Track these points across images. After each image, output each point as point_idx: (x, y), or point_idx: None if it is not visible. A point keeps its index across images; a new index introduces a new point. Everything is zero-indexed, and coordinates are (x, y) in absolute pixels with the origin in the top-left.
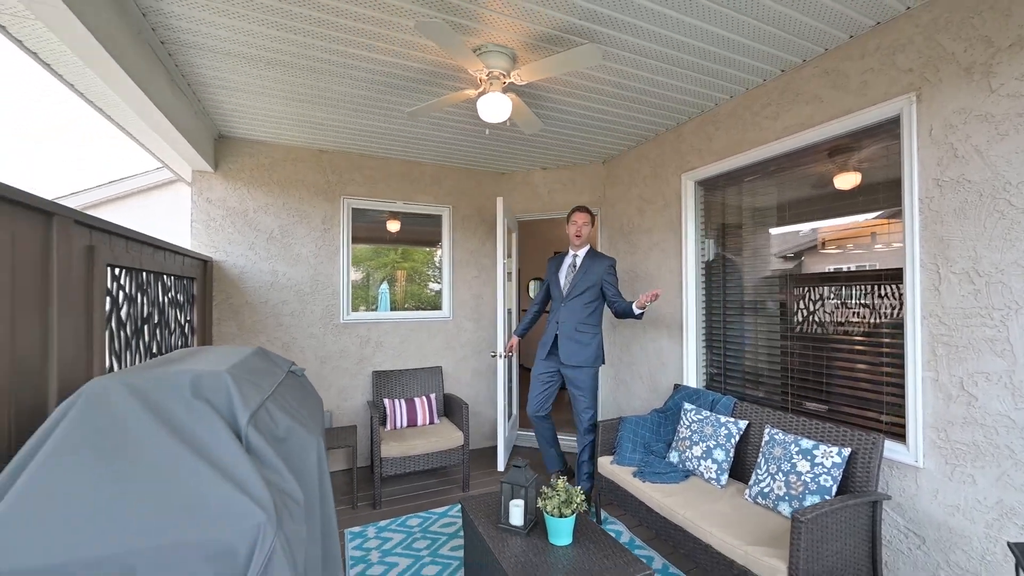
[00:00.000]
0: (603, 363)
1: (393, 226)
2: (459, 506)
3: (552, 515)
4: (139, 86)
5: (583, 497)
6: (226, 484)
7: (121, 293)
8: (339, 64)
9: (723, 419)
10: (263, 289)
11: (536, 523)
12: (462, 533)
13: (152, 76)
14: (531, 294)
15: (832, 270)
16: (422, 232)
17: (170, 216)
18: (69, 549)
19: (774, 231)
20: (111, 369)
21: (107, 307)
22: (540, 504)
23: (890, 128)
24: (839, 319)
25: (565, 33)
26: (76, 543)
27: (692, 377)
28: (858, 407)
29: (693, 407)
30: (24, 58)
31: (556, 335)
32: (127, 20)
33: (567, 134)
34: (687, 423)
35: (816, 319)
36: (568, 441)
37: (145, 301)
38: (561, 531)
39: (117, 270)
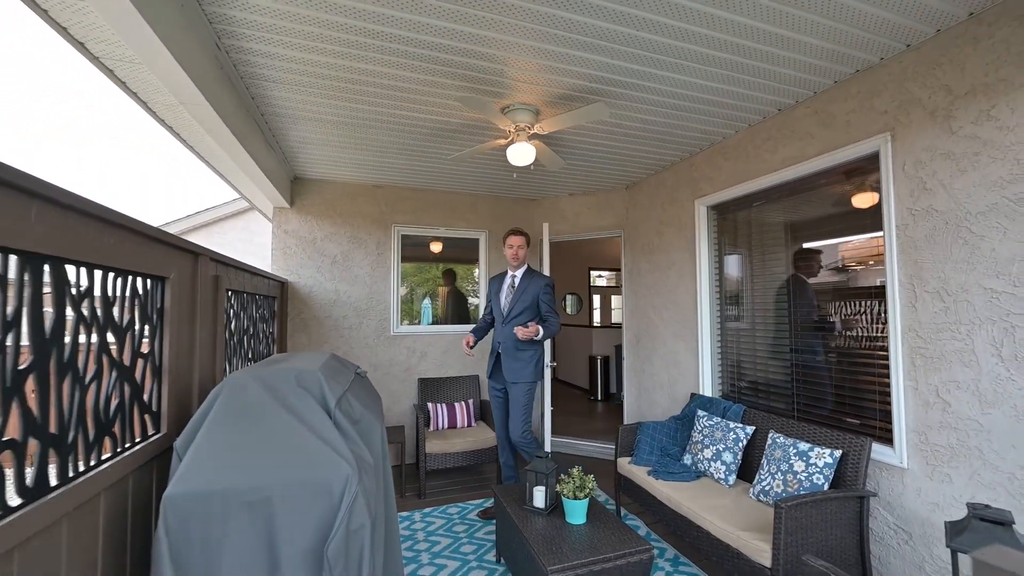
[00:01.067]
0: (541, 379)
1: (435, 247)
2: (492, 500)
3: (568, 498)
4: (244, 148)
5: (595, 483)
6: (324, 445)
7: (231, 311)
8: (394, 122)
9: (732, 425)
10: (327, 306)
11: (556, 506)
12: (494, 519)
13: (252, 139)
14: (567, 308)
15: (830, 287)
16: (462, 251)
17: (241, 241)
18: (229, 480)
19: (779, 251)
20: (226, 370)
21: (224, 322)
22: (559, 489)
23: (871, 163)
24: (838, 332)
25: (579, 92)
26: (232, 477)
27: (707, 386)
28: (856, 414)
29: (706, 414)
30: (24, 58)
31: (499, 354)
32: (238, 100)
33: (590, 166)
34: (699, 428)
35: (819, 332)
36: (594, 446)
37: (244, 316)
38: (576, 511)
39: (230, 293)
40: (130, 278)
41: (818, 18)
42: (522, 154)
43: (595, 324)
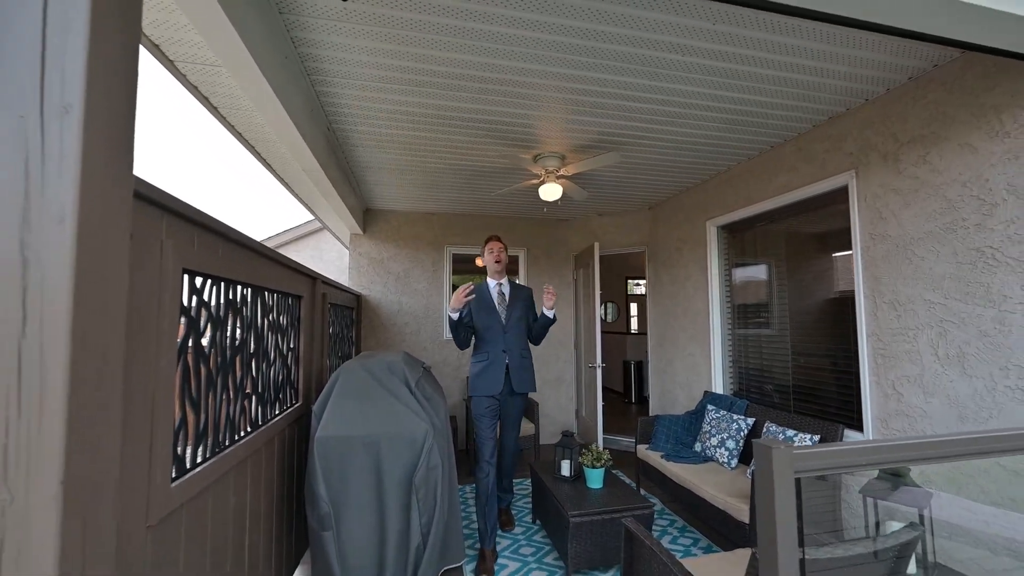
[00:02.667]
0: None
1: (480, 262)
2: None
3: (588, 467)
4: (347, 203)
5: (608, 455)
6: (409, 411)
7: (330, 319)
8: (449, 169)
9: (736, 417)
10: (392, 315)
11: (579, 476)
12: (530, 492)
13: (342, 186)
14: (607, 317)
15: (818, 298)
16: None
17: (312, 259)
18: (352, 430)
19: (779, 264)
20: (327, 363)
21: (328, 327)
22: (581, 460)
23: (842, 194)
24: (822, 337)
25: (597, 143)
26: (354, 428)
27: (719, 385)
28: (838, 406)
29: (715, 408)
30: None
31: (507, 365)
32: (336, 161)
33: (615, 191)
34: (708, 420)
35: (809, 337)
36: (627, 440)
37: (336, 323)
38: (594, 477)
39: (330, 306)
40: (283, 297)
41: (800, 76)
42: (551, 192)
43: (631, 331)
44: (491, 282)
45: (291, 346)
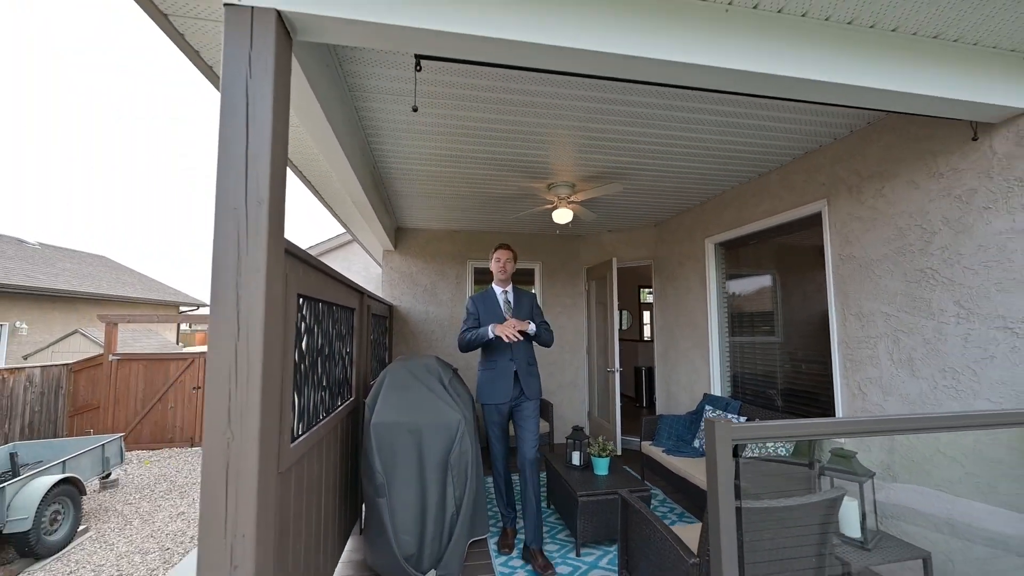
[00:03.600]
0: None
1: None
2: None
3: (595, 455)
4: (383, 223)
5: (612, 446)
6: (445, 404)
7: (371, 327)
8: (472, 195)
9: (730, 416)
10: (420, 323)
11: (587, 464)
12: (545, 482)
13: (380, 210)
14: (622, 324)
15: (804, 309)
16: (518, 278)
17: (342, 270)
18: (399, 418)
19: (767, 279)
20: (368, 366)
21: (369, 334)
22: (588, 450)
23: (817, 219)
24: (805, 344)
25: (604, 173)
26: (401, 416)
27: (717, 387)
28: (819, 405)
29: (712, 408)
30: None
31: (515, 372)
32: (377, 193)
33: (623, 211)
34: (706, 419)
35: (794, 344)
36: (636, 440)
37: (374, 331)
38: (600, 465)
39: (372, 316)
40: (344, 310)
41: (780, 124)
42: (563, 216)
43: (644, 338)
44: (497, 289)
45: (348, 350)
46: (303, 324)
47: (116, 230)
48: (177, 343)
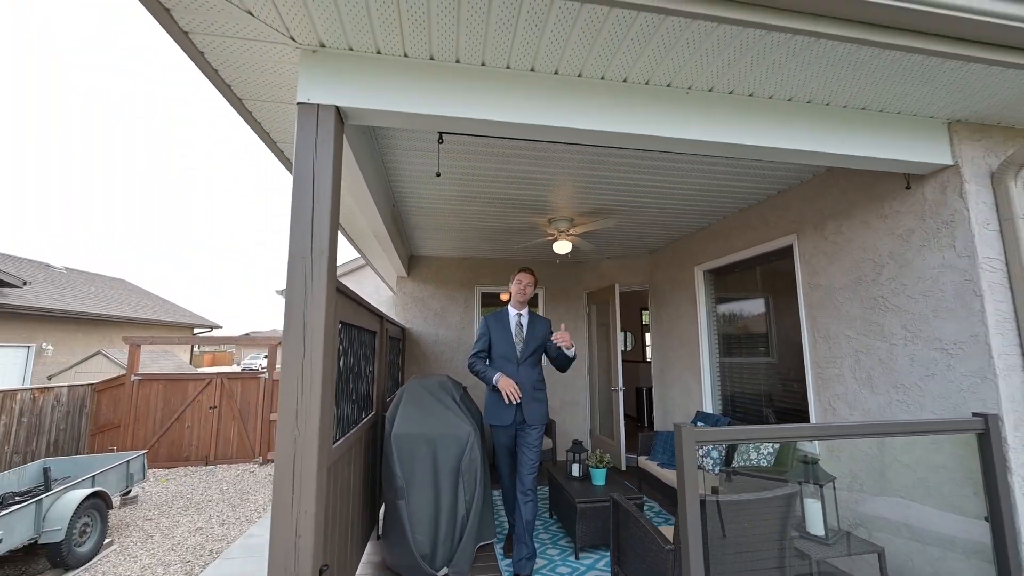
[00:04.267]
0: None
1: (504, 296)
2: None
3: (592, 466)
4: (398, 252)
5: (608, 457)
6: (456, 417)
7: (387, 349)
8: (481, 228)
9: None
10: (430, 345)
11: (586, 475)
12: (548, 494)
13: (396, 240)
14: (626, 346)
15: (784, 331)
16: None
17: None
18: (416, 429)
19: (751, 304)
20: (386, 384)
21: (386, 355)
22: (587, 462)
23: (789, 251)
24: (786, 363)
25: (599, 209)
26: (418, 428)
27: (708, 405)
28: (800, 420)
29: (703, 424)
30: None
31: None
32: (396, 227)
33: (620, 240)
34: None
35: (777, 364)
36: (636, 458)
37: (389, 352)
38: (598, 475)
39: (388, 339)
40: (368, 333)
41: (757, 169)
42: (562, 247)
43: (646, 359)
44: (512, 312)
45: (370, 369)
46: (340, 346)
47: (116, 230)
48: (191, 363)
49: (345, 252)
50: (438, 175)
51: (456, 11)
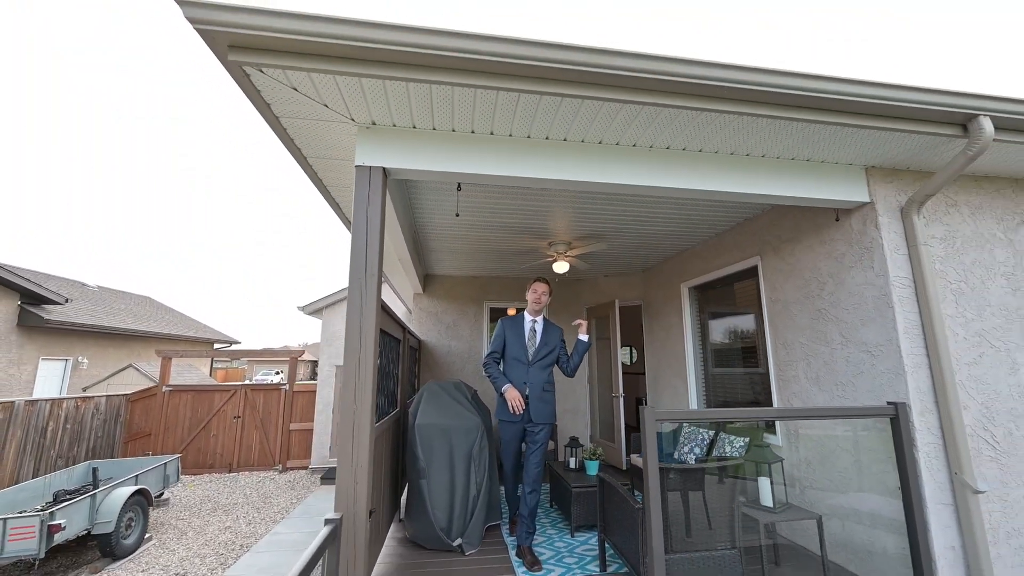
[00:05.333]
0: (555, 419)
1: (511, 311)
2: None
3: (587, 459)
4: (416, 271)
5: (601, 450)
6: (470, 413)
7: (407, 357)
8: (488, 250)
9: (701, 431)
10: (443, 355)
11: (581, 467)
12: (549, 488)
13: (415, 262)
14: (631, 358)
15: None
16: None
17: None
18: (435, 421)
19: (729, 316)
20: (404, 391)
21: (406, 362)
22: (582, 455)
23: (754, 271)
24: (758, 368)
25: (593, 233)
26: (436, 420)
27: (695, 406)
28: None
29: (688, 425)
30: None
31: (527, 396)
32: (417, 251)
33: (615, 260)
34: (683, 434)
35: (751, 369)
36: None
37: (407, 360)
38: (592, 467)
39: (405, 347)
40: (394, 340)
41: (728, 200)
42: (560, 267)
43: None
44: (527, 317)
45: (395, 371)
46: (377, 349)
47: (116, 230)
48: (211, 376)
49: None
50: (457, 216)
51: (472, 101)
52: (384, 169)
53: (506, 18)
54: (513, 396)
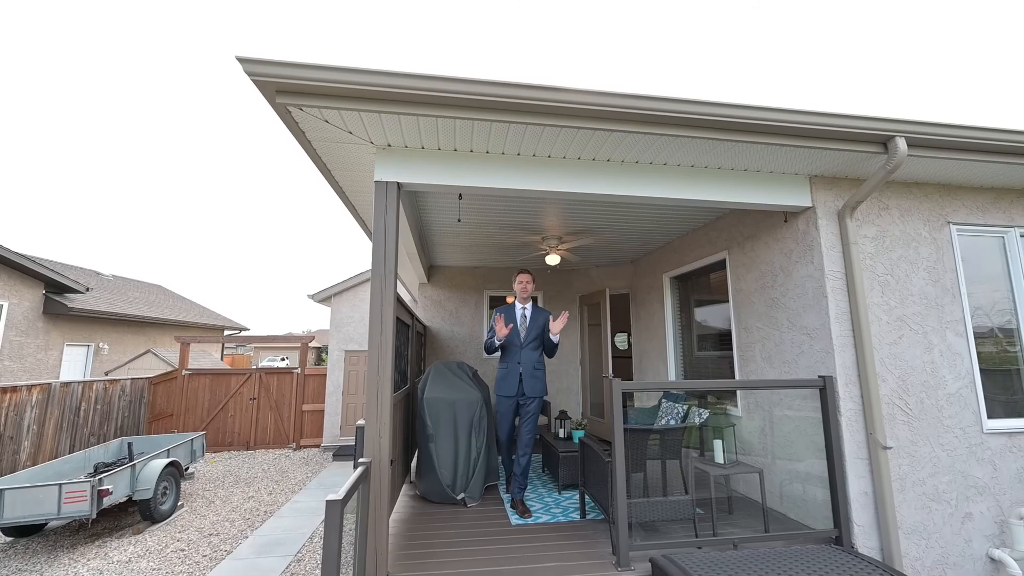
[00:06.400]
0: (546, 394)
1: (509, 299)
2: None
3: (573, 429)
4: (421, 263)
5: (586, 421)
6: (471, 388)
7: (415, 342)
8: (488, 244)
9: (677, 405)
10: (446, 340)
11: (568, 436)
12: (542, 456)
13: (421, 255)
14: (618, 344)
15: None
16: None
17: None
18: (442, 395)
19: (705, 304)
20: (413, 371)
21: (415, 346)
22: (570, 426)
23: (723, 264)
24: (727, 351)
25: (583, 229)
26: (443, 394)
27: None
28: (731, 394)
29: (666, 400)
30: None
31: (520, 374)
32: (422, 245)
33: (605, 252)
34: (662, 408)
35: (722, 353)
36: None
37: (414, 345)
38: (577, 435)
39: (413, 332)
40: (405, 326)
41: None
42: (552, 260)
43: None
44: (518, 305)
45: (405, 352)
46: (395, 332)
47: (116, 230)
48: (221, 361)
49: (361, 264)
50: (459, 221)
51: (471, 128)
52: (398, 184)
53: (488, 63)
54: (501, 331)
